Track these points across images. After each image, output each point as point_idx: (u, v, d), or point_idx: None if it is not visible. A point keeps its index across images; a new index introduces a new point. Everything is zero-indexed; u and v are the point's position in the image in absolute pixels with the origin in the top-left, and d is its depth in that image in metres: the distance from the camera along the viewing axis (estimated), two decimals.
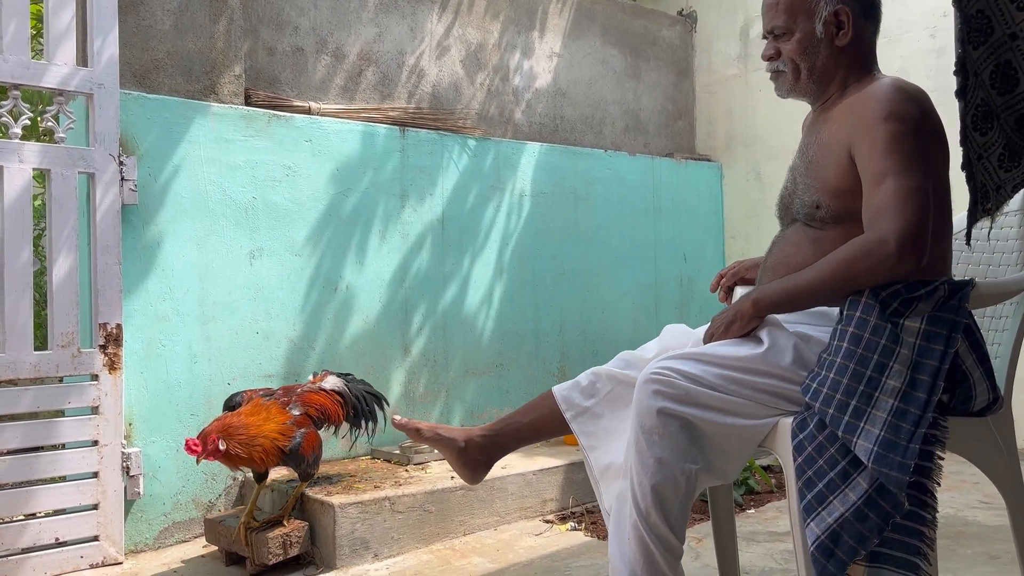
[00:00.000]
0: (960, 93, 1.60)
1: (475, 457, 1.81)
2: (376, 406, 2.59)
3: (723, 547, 1.93)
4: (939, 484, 1.33)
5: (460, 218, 3.34)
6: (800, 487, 1.35)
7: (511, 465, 2.77)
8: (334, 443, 2.56)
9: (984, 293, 1.46)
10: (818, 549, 1.30)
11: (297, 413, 2.30)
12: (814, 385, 1.39)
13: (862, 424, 1.32)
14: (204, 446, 2.10)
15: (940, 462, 1.33)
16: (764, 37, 1.70)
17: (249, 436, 2.16)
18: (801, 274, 1.48)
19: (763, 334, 1.49)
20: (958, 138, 1.64)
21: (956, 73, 1.59)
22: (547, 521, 2.72)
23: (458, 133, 3.39)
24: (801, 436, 1.38)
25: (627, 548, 1.43)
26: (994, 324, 1.69)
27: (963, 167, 1.64)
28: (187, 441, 2.11)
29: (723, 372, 1.45)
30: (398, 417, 1.90)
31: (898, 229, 1.38)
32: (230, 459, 2.15)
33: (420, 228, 3.22)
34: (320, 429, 2.39)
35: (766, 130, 4.16)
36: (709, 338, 1.56)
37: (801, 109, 1.74)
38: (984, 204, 1.66)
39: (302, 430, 2.25)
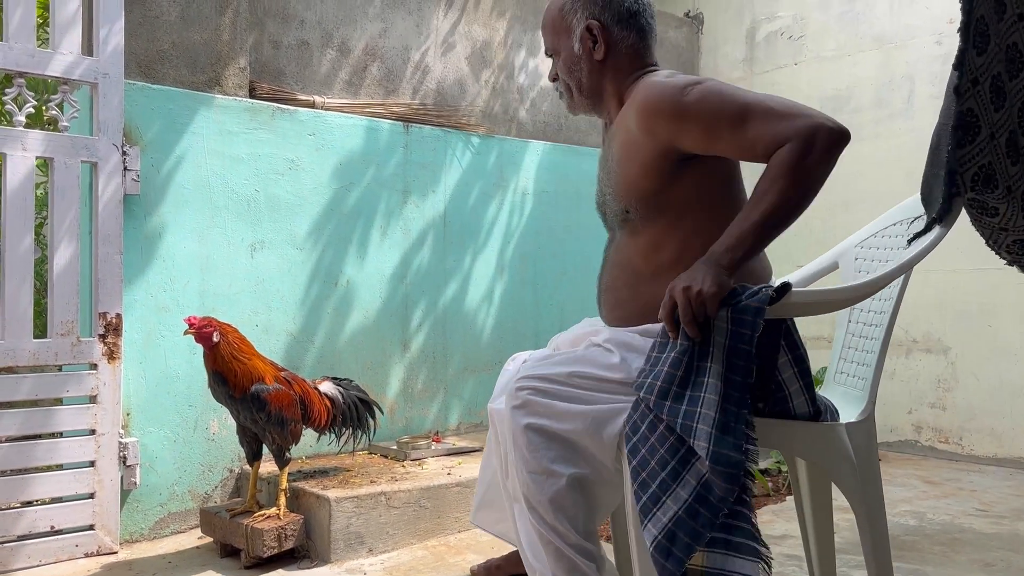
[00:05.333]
0: (956, 89, 1.58)
1: None
2: (368, 414, 2.60)
3: None
4: (756, 464, 1.32)
5: (462, 215, 3.34)
6: (636, 490, 1.35)
7: None
8: (323, 443, 2.58)
9: (796, 302, 1.40)
10: (656, 549, 1.30)
11: (284, 376, 2.40)
12: (648, 380, 1.39)
13: (699, 410, 1.31)
14: (202, 326, 2.23)
15: (755, 446, 1.32)
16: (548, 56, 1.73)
17: (240, 350, 2.30)
18: (744, 219, 1.39)
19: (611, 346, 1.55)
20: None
21: (959, 55, 1.56)
22: None
23: (462, 130, 3.38)
24: (635, 439, 1.38)
25: (547, 564, 1.46)
26: (864, 332, 1.69)
27: None
28: (190, 317, 2.25)
29: (569, 368, 1.50)
30: (474, 567, 2.11)
31: (811, 113, 1.37)
32: (214, 353, 2.26)
33: (422, 224, 3.22)
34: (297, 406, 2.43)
35: None
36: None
37: None
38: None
39: (279, 386, 2.33)
